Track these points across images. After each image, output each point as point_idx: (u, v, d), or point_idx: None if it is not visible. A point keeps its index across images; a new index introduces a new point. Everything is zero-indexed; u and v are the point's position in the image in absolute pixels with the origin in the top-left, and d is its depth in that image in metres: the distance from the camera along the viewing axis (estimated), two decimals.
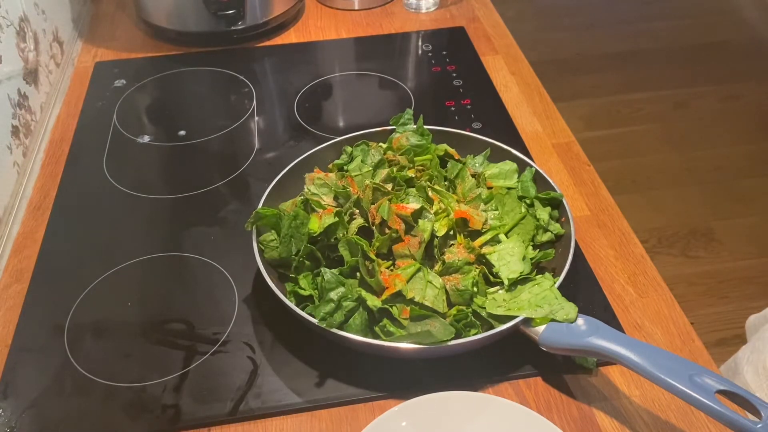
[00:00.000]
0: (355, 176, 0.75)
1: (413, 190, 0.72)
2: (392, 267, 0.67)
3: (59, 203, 0.86)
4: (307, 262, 0.69)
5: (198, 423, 0.63)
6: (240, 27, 1.12)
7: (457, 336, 0.62)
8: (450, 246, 0.68)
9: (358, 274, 0.66)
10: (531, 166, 0.78)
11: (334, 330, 0.62)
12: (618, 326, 0.70)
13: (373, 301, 0.63)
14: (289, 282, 0.69)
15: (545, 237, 0.73)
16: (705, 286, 1.82)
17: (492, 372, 0.66)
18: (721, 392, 0.55)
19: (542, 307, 0.63)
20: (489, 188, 0.76)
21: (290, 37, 1.17)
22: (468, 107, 0.99)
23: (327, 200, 0.74)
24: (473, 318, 0.64)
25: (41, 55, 1.01)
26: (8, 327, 0.72)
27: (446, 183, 0.76)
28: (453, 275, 0.66)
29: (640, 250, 0.79)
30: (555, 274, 0.68)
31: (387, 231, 0.68)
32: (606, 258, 0.78)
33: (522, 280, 0.67)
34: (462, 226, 0.70)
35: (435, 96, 1.03)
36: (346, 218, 0.70)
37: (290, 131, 0.97)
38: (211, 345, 0.69)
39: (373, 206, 0.70)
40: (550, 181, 0.76)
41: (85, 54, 1.14)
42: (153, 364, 0.68)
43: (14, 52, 0.92)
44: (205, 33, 1.12)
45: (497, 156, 0.81)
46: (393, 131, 0.82)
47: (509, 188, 0.77)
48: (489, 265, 0.68)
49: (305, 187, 0.76)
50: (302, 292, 0.68)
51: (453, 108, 1.00)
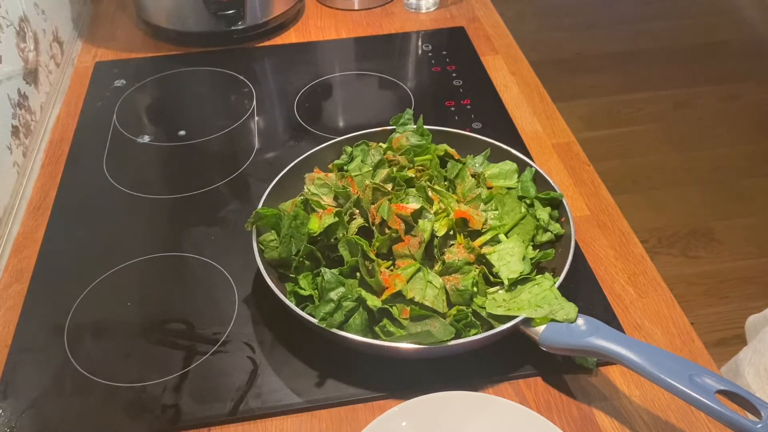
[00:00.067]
0: (355, 176, 0.75)
1: (413, 190, 0.72)
2: (392, 267, 0.67)
3: (59, 203, 0.86)
4: (307, 262, 0.69)
5: (198, 423, 0.63)
6: (240, 27, 1.12)
7: (457, 336, 0.62)
8: (450, 246, 0.68)
9: (358, 274, 0.66)
10: (531, 166, 0.78)
11: (334, 330, 0.62)
12: (618, 326, 0.70)
13: (373, 301, 0.63)
14: (289, 282, 0.69)
15: (545, 237, 0.73)
16: (705, 286, 1.82)
17: (492, 372, 0.66)
18: (721, 392, 0.55)
19: (542, 307, 0.63)
20: (489, 188, 0.76)
21: (290, 37, 1.17)
22: (468, 107, 0.99)
23: (327, 200, 0.74)
24: (473, 318, 0.64)
25: (41, 55, 1.01)
26: (8, 327, 0.72)
27: (446, 183, 0.76)
28: (453, 275, 0.66)
29: (640, 250, 0.79)
30: (555, 274, 0.68)
31: (387, 231, 0.68)
32: (606, 258, 0.78)
33: (522, 280, 0.67)
34: (462, 226, 0.70)
35: (435, 96, 1.03)
36: (346, 218, 0.70)
37: (290, 131, 0.97)
38: (211, 345, 0.69)
39: (373, 206, 0.70)
40: (550, 181, 0.76)
41: (85, 54, 1.14)
42: (153, 364, 0.68)
43: (14, 52, 0.92)
44: (205, 33, 1.12)
45: (497, 156, 0.81)
46: (393, 131, 0.82)
47: (509, 188, 0.77)
48: (489, 265, 0.68)
49: (305, 187, 0.76)
50: (302, 292, 0.67)
51: (453, 108, 0.99)
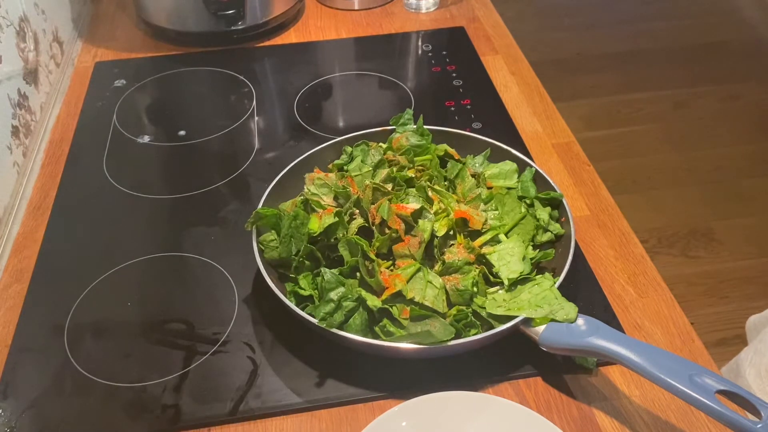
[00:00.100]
0: (355, 176, 0.75)
1: (413, 190, 0.71)
2: (392, 267, 0.67)
3: (59, 203, 0.86)
4: (307, 262, 0.69)
5: (198, 423, 0.63)
6: (240, 27, 1.12)
7: (457, 336, 0.62)
8: (450, 246, 0.68)
9: (358, 274, 0.66)
10: (531, 166, 0.78)
11: (334, 330, 0.62)
12: (618, 326, 0.70)
13: (373, 301, 0.63)
14: (289, 282, 0.69)
15: (545, 237, 0.73)
16: (705, 286, 1.82)
17: (492, 372, 0.66)
18: (721, 392, 0.55)
19: (542, 307, 0.63)
20: (489, 188, 0.76)
21: (290, 37, 1.17)
22: (468, 107, 0.99)
23: (327, 200, 0.74)
24: (473, 318, 0.64)
25: (41, 55, 1.01)
26: (8, 327, 0.72)
27: (446, 183, 0.76)
28: (453, 275, 0.66)
29: (640, 250, 0.79)
30: (555, 274, 0.68)
31: (387, 231, 0.68)
32: (606, 258, 0.78)
33: (522, 280, 0.67)
34: (462, 226, 0.70)
35: (435, 96, 1.03)
36: (346, 218, 0.70)
37: (290, 131, 0.97)
38: (211, 345, 0.69)
39: (373, 206, 0.70)
40: (550, 181, 0.76)
41: (85, 54, 1.14)
42: (153, 364, 0.68)
43: (14, 52, 0.92)
44: (205, 33, 1.12)
45: (497, 156, 0.81)
46: (393, 131, 0.82)
47: (509, 188, 0.76)
48: (489, 265, 0.68)
49: (305, 187, 0.76)
50: (302, 292, 0.67)
51: (453, 108, 0.99)
